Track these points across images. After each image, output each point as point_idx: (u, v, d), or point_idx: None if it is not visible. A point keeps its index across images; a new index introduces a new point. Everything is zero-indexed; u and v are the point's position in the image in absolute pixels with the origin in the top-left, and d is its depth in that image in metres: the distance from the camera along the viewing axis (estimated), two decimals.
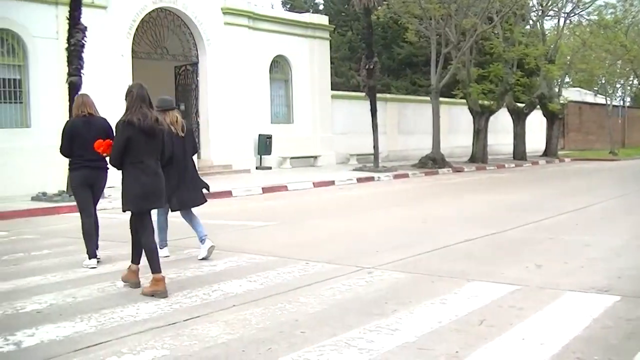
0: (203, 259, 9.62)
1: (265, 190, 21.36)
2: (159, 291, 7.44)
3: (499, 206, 16.23)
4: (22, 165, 20.99)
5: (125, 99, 7.83)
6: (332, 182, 23.97)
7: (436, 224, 13.08)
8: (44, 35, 22.33)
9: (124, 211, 7.98)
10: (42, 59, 22.25)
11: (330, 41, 35.84)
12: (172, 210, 9.93)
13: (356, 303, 6.91)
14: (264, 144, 29.90)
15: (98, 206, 10.51)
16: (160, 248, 9.35)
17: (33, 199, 18.91)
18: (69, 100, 18.99)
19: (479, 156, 35.62)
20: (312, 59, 33.38)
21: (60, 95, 20.83)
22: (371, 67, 29.24)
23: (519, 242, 10.76)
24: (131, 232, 8.06)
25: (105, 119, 9.75)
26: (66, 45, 19.30)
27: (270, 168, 30.13)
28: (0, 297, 7.62)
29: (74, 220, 14.65)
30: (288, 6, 54.66)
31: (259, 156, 30.20)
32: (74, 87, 19.06)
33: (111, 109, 23.86)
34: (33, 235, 13.09)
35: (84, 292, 7.76)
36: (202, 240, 9.74)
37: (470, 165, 33.30)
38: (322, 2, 55.95)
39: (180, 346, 5.67)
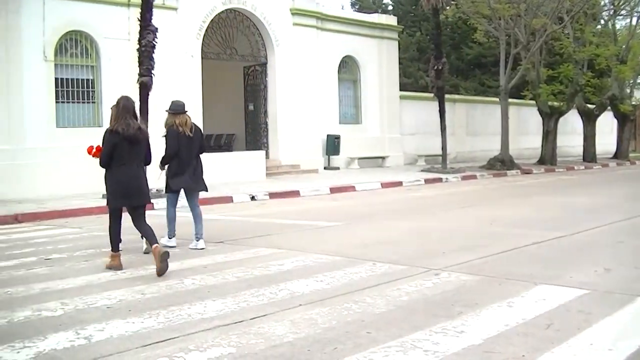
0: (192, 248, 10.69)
1: (333, 190, 21.42)
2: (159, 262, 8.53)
3: (568, 208, 16.04)
4: (93, 164, 21.32)
5: (111, 109, 9.34)
6: (400, 183, 23.94)
7: (504, 226, 12.98)
8: (115, 37, 22.71)
9: (109, 206, 9.36)
10: (113, 60, 22.64)
11: (398, 42, 35.75)
12: (168, 190, 11.03)
13: (422, 304, 6.91)
14: (332, 145, 29.94)
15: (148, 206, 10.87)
16: (169, 238, 10.85)
17: (104, 196, 19.21)
18: (140, 101, 19.32)
19: (548, 158, 35.18)
20: (380, 59, 33.33)
21: (131, 95, 21.11)
22: (440, 67, 29.10)
23: (588, 245, 10.64)
24: (110, 224, 9.33)
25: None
26: (137, 46, 19.61)
27: (338, 168, 30.16)
28: (73, 292, 7.79)
29: None
30: (356, 7, 54.67)
31: (327, 156, 30.26)
32: (144, 87, 19.37)
33: None
34: (104, 233, 13.29)
35: (152, 288, 7.88)
36: (197, 238, 10.80)
37: (539, 167, 32.94)
38: (391, 2, 55.86)
39: (246, 344, 5.72)
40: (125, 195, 9.11)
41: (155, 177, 11.41)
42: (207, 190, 11.53)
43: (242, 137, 30.92)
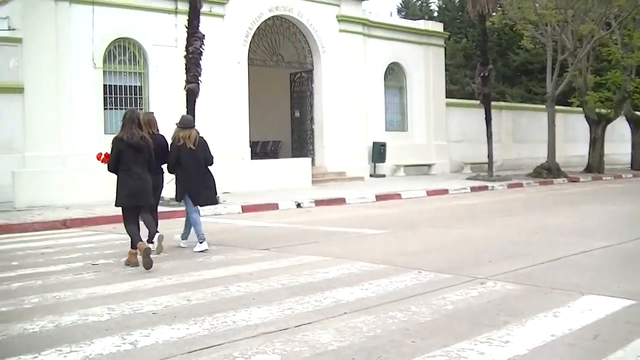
0: (201, 251, 11.28)
1: (379, 198, 21.41)
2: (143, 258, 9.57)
3: (616, 217, 15.87)
4: None
5: (122, 120, 10.44)
6: (446, 191, 23.85)
7: (550, 234, 12.87)
8: (163, 44, 22.99)
9: (116, 206, 10.34)
10: (161, 67, 22.91)
11: (445, 48, 35.69)
12: (194, 204, 11.75)
13: (467, 313, 6.88)
14: (378, 152, 29.94)
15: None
16: (200, 242, 11.40)
17: None
18: (187, 107, 19.50)
19: (595, 166, 34.82)
20: (426, 66, 33.28)
21: (178, 102, 21.37)
22: (486, 74, 28.97)
23: (636, 254, 10.51)
24: (124, 224, 10.33)
25: (163, 136, 11.86)
26: (184, 53, 19.82)
27: (384, 176, 30.14)
28: (119, 297, 7.88)
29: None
30: (403, 14, 54.68)
31: (373, 164, 30.26)
32: (191, 94, 19.55)
33: (228, 114, 24.42)
34: None
35: (197, 295, 7.93)
36: (200, 240, 11.41)
37: (586, 175, 32.60)
38: (437, 9, 55.76)
39: (291, 352, 5.73)
40: (129, 196, 10.14)
41: (166, 181, 12.02)
42: (216, 203, 12.46)
43: (288, 144, 31.04)
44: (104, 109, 21.81)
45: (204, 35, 19.80)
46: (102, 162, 10.73)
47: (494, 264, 9.56)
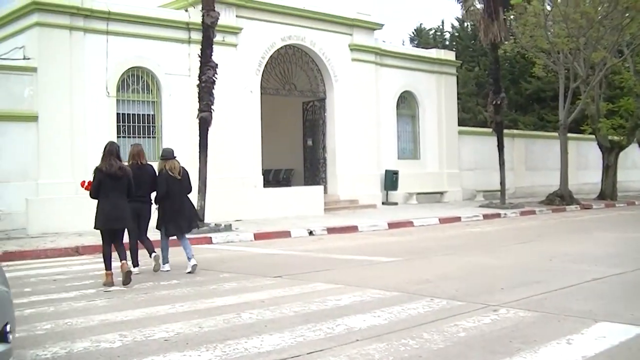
0: (189, 272, 12.01)
1: (391, 225, 21.38)
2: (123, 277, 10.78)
3: (629, 244, 15.82)
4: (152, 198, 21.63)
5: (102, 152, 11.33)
6: (458, 218, 23.82)
7: (563, 261, 12.83)
8: (176, 73, 23.11)
9: (95, 228, 11.37)
10: (174, 95, 23.02)
11: (457, 76, 35.77)
12: (167, 235, 12.71)
13: (480, 341, 6.87)
14: (391, 180, 29.93)
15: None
16: (163, 264, 12.45)
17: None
18: (200, 136, 19.57)
19: (608, 193, 34.71)
20: (439, 94, 33.33)
21: (191, 130, 21.44)
22: (498, 102, 28.98)
23: None
24: (102, 245, 11.32)
25: (151, 166, 12.68)
26: (197, 81, 19.92)
27: (396, 204, 30.11)
28: (131, 324, 7.89)
29: (202, 251, 15.12)
30: (415, 42, 54.86)
31: (385, 192, 30.24)
32: (204, 122, 19.63)
33: (240, 143, 24.52)
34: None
35: (209, 322, 7.94)
36: (189, 259, 12.23)
37: (599, 202, 32.49)
38: (450, 37, 55.94)
39: None
40: (105, 220, 11.15)
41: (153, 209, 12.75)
42: (198, 227, 13.60)
43: (300, 172, 31.07)
44: (117, 137, 21.86)
45: (217, 65, 19.90)
46: (85, 189, 11.59)
47: (506, 291, 9.54)
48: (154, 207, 12.70)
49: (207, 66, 19.71)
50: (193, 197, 19.47)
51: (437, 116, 33.16)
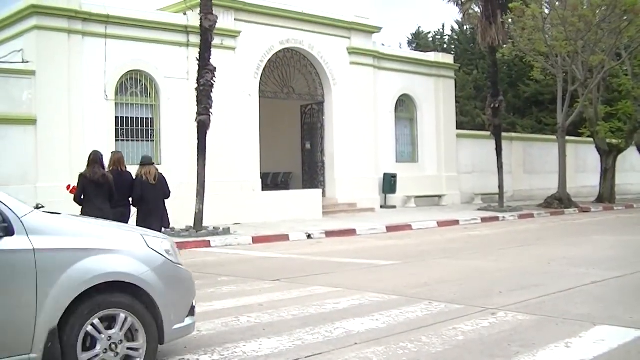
0: None
1: (390, 229, 21.38)
2: None
3: (627, 247, 15.83)
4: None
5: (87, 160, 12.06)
6: (457, 222, 23.82)
7: (562, 265, 12.85)
8: (175, 76, 23.08)
9: None
10: (172, 99, 22.99)
11: (455, 80, 35.76)
12: None
13: (479, 344, 6.87)
14: (389, 183, 29.91)
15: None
16: None
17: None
18: (198, 139, 19.58)
19: (607, 196, 34.69)
20: (437, 97, 33.32)
21: (189, 134, 21.43)
22: (497, 105, 29.03)
23: None
24: None
25: (130, 173, 13.28)
26: (196, 85, 19.92)
27: (394, 207, 30.10)
28: None
29: (201, 255, 15.17)
30: (413, 45, 54.91)
31: (384, 195, 30.23)
32: (203, 126, 19.63)
33: (239, 146, 24.52)
34: None
35: (208, 325, 7.95)
36: None
37: (597, 206, 32.48)
38: (449, 40, 55.98)
39: None
40: None
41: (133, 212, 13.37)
42: (168, 227, 14.29)
43: (299, 176, 31.06)
44: (116, 140, 21.86)
45: (215, 68, 19.91)
46: (70, 192, 12.38)
47: (505, 294, 9.55)
48: (134, 210, 13.34)
49: (205, 69, 19.71)
50: (191, 200, 19.66)
51: (435, 119, 33.15)
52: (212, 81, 19.75)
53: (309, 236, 19.43)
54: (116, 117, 22.07)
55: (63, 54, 20.92)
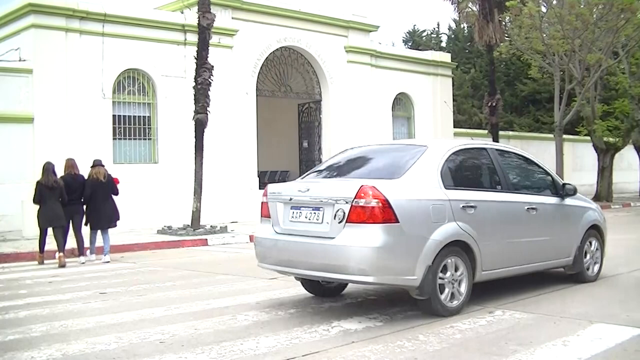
0: (107, 262, 14.59)
1: None
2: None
3: (625, 246, 15.79)
4: (149, 200, 21.67)
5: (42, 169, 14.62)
6: None
7: None
8: (172, 74, 23.10)
9: (38, 227, 14.58)
10: (170, 97, 23.01)
11: (452, 78, 35.76)
12: (92, 229, 15.05)
13: (476, 342, 6.87)
14: None
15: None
16: (90, 254, 15.02)
17: (159, 232, 19.49)
18: (196, 138, 19.56)
19: (604, 194, 34.70)
20: (434, 96, 33.33)
21: (186, 132, 21.41)
22: (494, 104, 29.09)
23: None
24: (39, 235, 14.63)
25: (82, 176, 15.14)
26: (193, 83, 19.91)
27: None
28: (127, 326, 7.89)
29: (198, 253, 15.15)
30: (410, 44, 54.90)
31: None
32: (200, 124, 19.63)
33: (236, 145, 24.47)
34: (158, 268, 13.46)
35: (205, 324, 7.93)
36: (104, 254, 14.79)
37: None
38: (445, 39, 55.98)
39: None
40: (45, 221, 14.42)
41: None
42: (116, 226, 15.37)
43: (296, 174, 30.98)
44: (113, 139, 21.87)
45: (212, 66, 19.90)
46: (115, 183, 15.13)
47: (502, 293, 9.53)
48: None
49: (203, 68, 19.71)
50: (189, 198, 19.64)
51: (432, 118, 33.17)
52: (209, 79, 19.75)
53: None
54: (113, 116, 22.09)
55: (60, 53, 20.92)
